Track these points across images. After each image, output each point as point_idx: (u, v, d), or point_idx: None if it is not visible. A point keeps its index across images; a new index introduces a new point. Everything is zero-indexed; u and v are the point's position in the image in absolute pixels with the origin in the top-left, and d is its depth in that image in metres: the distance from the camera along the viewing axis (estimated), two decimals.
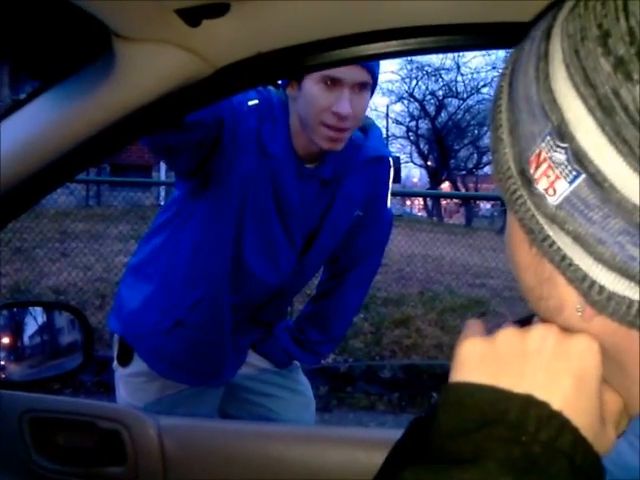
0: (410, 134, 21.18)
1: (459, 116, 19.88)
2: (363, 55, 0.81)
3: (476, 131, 20.50)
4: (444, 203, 18.95)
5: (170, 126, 1.14)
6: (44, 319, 1.13)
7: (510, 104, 0.42)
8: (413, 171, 28.97)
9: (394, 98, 19.83)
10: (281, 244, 1.43)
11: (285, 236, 1.42)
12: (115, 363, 1.54)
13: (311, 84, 1.29)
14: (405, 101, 20.00)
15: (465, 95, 19.31)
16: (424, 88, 19.47)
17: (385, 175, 1.55)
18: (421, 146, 21.24)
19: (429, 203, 19.51)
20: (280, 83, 1.38)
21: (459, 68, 18.62)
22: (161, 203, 8.50)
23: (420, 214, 21.71)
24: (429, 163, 21.33)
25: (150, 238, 1.52)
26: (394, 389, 4.22)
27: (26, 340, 1.12)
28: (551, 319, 0.43)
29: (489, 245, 6.56)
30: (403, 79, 19.29)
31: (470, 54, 19.12)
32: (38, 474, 1.22)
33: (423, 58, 17.84)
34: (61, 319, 1.14)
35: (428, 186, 22.25)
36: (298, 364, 1.69)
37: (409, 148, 22.23)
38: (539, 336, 0.41)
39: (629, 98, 0.33)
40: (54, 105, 0.80)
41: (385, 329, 4.90)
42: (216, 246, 1.39)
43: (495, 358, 0.41)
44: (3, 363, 1.09)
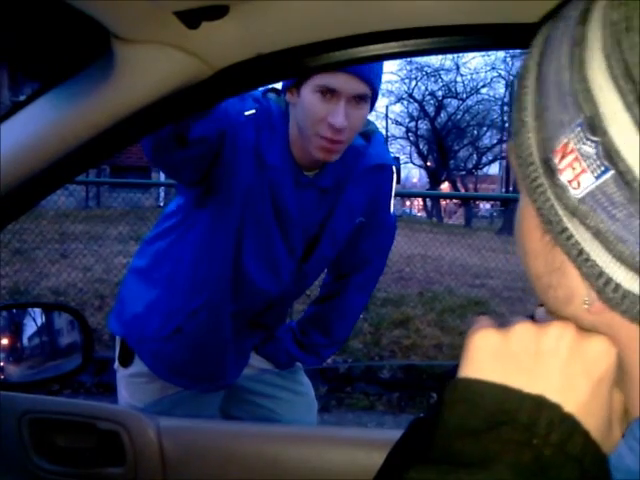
0: (409, 135, 21.20)
1: (458, 116, 19.90)
2: (363, 57, 0.80)
3: (475, 131, 20.55)
4: (443, 203, 18.96)
5: (173, 143, 1.13)
6: (43, 320, 1.12)
7: (538, 87, 0.40)
8: (413, 172, 28.97)
9: (393, 99, 19.89)
10: (281, 253, 1.42)
11: (285, 245, 1.42)
12: (116, 364, 1.54)
13: (308, 93, 1.26)
14: (405, 102, 20.05)
15: (464, 95, 19.36)
16: (423, 89, 19.53)
17: (388, 182, 1.53)
18: (420, 146, 21.25)
19: (428, 203, 19.53)
20: (280, 89, 1.37)
21: (458, 69, 18.68)
22: (161, 204, 8.50)
23: (419, 214, 21.72)
24: (428, 163, 21.34)
25: (154, 241, 1.51)
26: (393, 389, 4.21)
27: (25, 341, 1.12)
28: (558, 309, 0.42)
29: (488, 245, 6.57)
30: (402, 80, 19.35)
31: (469, 55, 19.14)
32: (37, 475, 1.22)
33: (422, 59, 17.87)
34: (60, 320, 1.14)
35: (428, 186, 22.26)
36: (300, 365, 1.69)
37: (408, 149, 22.28)
38: (555, 335, 0.39)
39: None
40: (54, 107, 0.80)
41: (384, 329, 4.90)
42: (217, 255, 1.39)
43: (508, 355, 0.39)
44: (2, 364, 1.08)
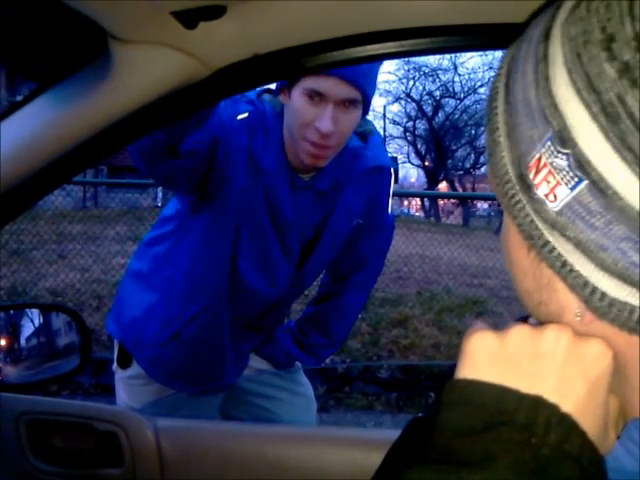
0: (407, 134, 21.24)
1: (456, 116, 19.93)
2: (360, 57, 0.80)
3: (473, 131, 20.57)
4: (441, 203, 18.97)
5: (165, 155, 1.12)
6: (41, 321, 1.12)
7: (507, 106, 0.40)
8: (410, 171, 29.03)
9: (391, 98, 19.93)
10: (277, 257, 1.41)
11: (281, 249, 1.41)
12: (115, 365, 1.53)
13: (297, 95, 1.24)
14: (402, 101, 20.09)
15: (462, 95, 19.40)
16: (421, 88, 19.57)
17: (386, 183, 1.52)
18: (418, 146, 21.29)
19: (426, 203, 19.55)
20: (274, 90, 1.35)
21: (456, 68, 18.73)
22: (158, 204, 8.48)
23: (417, 214, 21.71)
24: (426, 163, 21.38)
25: (152, 245, 1.50)
26: (392, 389, 4.21)
27: (23, 342, 1.12)
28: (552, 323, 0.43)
29: (486, 245, 6.56)
30: (400, 79, 19.39)
31: (467, 54, 19.19)
32: (35, 476, 1.22)
33: (420, 58, 17.93)
34: (58, 321, 1.14)
35: (425, 186, 22.28)
36: (299, 365, 1.68)
37: (406, 148, 22.34)
38: (552, 337, 0.40)
39: (635, 105, 0.32)
40: (51, 107, 0.80)
41: (383, 329, 4.90)
42: (214, 260, 1.38)
43: (505, 357, 0.40)
44: (0, 365, 1.08)
